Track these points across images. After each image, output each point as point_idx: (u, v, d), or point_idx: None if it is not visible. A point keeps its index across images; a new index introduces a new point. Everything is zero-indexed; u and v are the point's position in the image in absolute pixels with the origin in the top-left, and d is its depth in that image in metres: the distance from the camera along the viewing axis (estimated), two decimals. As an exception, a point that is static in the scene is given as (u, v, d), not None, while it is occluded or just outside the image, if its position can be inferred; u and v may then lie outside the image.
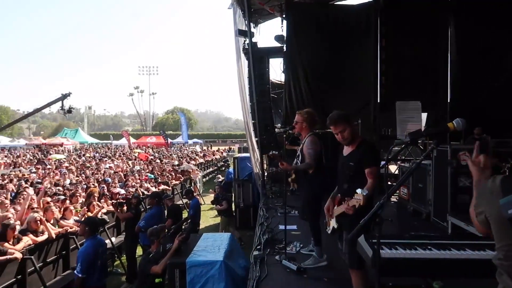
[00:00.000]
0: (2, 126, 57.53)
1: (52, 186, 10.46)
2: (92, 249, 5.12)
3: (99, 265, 5.13)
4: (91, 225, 5.37)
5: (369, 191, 2.85)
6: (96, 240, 5.32)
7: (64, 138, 40.46)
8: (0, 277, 5.47)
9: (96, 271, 5.06)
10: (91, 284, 5.01)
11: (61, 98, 17.56)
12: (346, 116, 3.28)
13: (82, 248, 5.34)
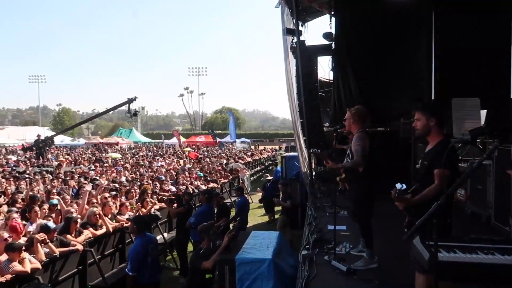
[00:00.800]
0: (67, 126, 61.57)
1: (110, 183, 11.03)
2: (141, 247, 5.25)
3: (150, 262, 5.26)
4: (139, 224, 5.51)
5: (426, 192, 2.71)
6: (145, 238, 5.43)
7: (119, 137, 42.57)
8: (64, 267, 5.86)
9: (148, 268, 5.18)
10: (144, 280, 5.15)
11: (127, 102, 18.75)
12: (428, 106, 3.11)
13: (132, 247, 5.51)
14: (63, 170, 14.85)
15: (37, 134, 24.13)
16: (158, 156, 23.99)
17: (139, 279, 5.14)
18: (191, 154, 25.26)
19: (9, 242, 5.10)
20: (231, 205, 12.70)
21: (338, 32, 10.16)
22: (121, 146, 37.63)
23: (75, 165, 18.64)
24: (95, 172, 14.38)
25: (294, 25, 9.39)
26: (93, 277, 6.39)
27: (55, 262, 5.64)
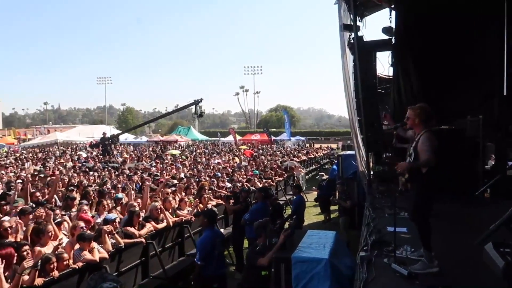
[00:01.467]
0: (130, 124, 65.10)
1: (170, 179, 11.48)
2: (209, 239, 5.52)
3: (217, 254, 5.48)
4: (210, 217, 5.79)
5: None
6: (214, 231, 5.73)
7: (178, 135, 44.13)
8: (129, 258, 6.21)
9: (214, 260, 5.41)
10: (210, 272, 5.38)
11: (194, 103, 19.81)
12: None
13: (201, 238, 5.80)
14: (127, 166, 15.72)
15: (103, 132, 25.70)
16: (215, 154, 24.56)
17: (206, 270, 5.36)
18: (247, 152, 25.61)
19: (80, 233, 5.50)
20: (286, 203, 12.70)
21: (399, 26, 9.72)
22: (179, 144, 39.01)
23: (138, 161, 19.63)
24: (156, 168, 15.04)
25: (351, 21, 9.14)
26: (154, 268, 6.71)
27: (121, 252, 5.99)
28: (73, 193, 8.40)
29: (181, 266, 7.41)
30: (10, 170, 15.03)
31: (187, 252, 7.83)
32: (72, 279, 5.04)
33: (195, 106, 19.92)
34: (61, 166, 16.37)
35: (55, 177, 10.12)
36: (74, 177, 11.34)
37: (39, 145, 32.98)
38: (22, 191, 7.94)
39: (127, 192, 8.58)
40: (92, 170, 14.39)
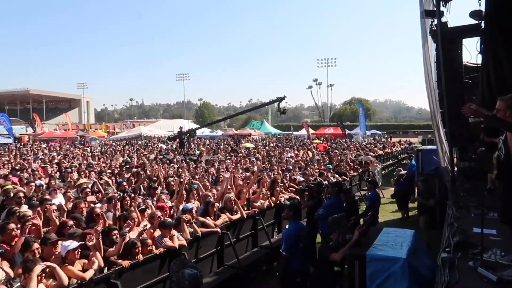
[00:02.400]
0: (206, 119, 67.83)
1: (243, 172, 11.76)
2: (294, 231, 5.57)
3: (301, 247, 5.50)
4: (295, 210, 5.84)
5: None
6: (298, 224, 5.77)
7: (252, 129, 44.92)
8: (205, 247, 6.50)
9: (299, 253, 5.43)
10: (294, 266, 5.41)
11: (276, 100, 20.46)
12: None
13: (286, 229, 5.89)
14: (204, 159, 16.40)
15: (180, 126, 27.04)
16: (288, 148, 24.60)
17: (291, 263, 5.40)
18: (320, 145, 25.29)
19: (162, 220, 5.87)
20: (361, 199, 12.34)
21: (490, 9, 8.84)
22: (253, 138, 39.72)
23: (214, 154, 20.37)
24: (230, 161, 15.49)
25: (434, 6, 8.52)
26: (228, 258, 6.94)
27: (198, 241, 6.29)
28: (156, 183, 8.97)
29: (254, 257, 7.57)
30: (102, 160, 16.50)
31: (260, 243, 7.98)
32: (155, 263, 5.42)
33: (278, 103, 20.52)
34: (145, 158, 17.58)
35: (148, 170, 10.88)
36: (157, 168, 12.08)
37: (125, 138, 35.75)
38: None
39: (203, 183, 8.98)
40: (172, 162, 15.26)
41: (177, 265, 2.92)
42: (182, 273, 2.77)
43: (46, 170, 11.98)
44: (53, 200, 7.09)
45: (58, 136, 40.31)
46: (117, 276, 4.84)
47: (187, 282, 2.75)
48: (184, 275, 2.76)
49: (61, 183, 9.58)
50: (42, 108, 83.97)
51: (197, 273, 2.82)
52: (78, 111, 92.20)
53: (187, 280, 2.75)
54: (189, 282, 2.75)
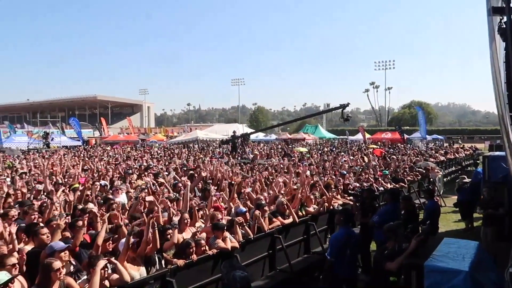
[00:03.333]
0: (260, 123, 68.47)
1: (296, 176, 11.69)
2: (342, 237, 5.48)
3: (349, 255, 5.38)
4: (346, 215, 5.75)
5: None
6: (348, 230, 5.65)
7: (305, 133, 44.61)
8: (257, 250, 6.54)
9: (345, 260, 5.31)
10: (340, 272, 5.30)
11: (340, 107, 20.28)
12: None
13: (334, 234, 5.81)
14: (258, 163, 16.54)
15: (233, 130, 27.51)
16: (343, 152, 24.11)
17: (337, 268, 5.32)
18: (376, 150, 24.50)
19: (215, 222, 6.00)
20: (420, 206, 11.77)
21: None
22: (307, 142, 39.41)
23: (267, 158, 20.47)
24: (283, 165, 15.47)
25: (503, 2, 7.96)
26: (280, 262, 6.92)
27: (250, 244, 6.34)
28: (210, 185, 9.19)
29: (306, 262, 7.49)
30: (161, 163, 17.21)
31: (313, 249, 7.88)
32: (208, 263, 5.54)
33: (342, 110, 20.13)
34: (200, 160, 18.09)
35: (203, 171, 11.22)
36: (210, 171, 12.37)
37: (183, 141, 37.05)
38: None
39: (255, 187, 9.06)
40: (226, 164, 15.55)
41: (226, 267, 2.98)
42: (233, 275, 2.82)
43: (110, 171, 12.71)
44: (116, 199, 7.52)
45: (121, 140, 42.79)
46: (172, 275, 5.01)
47: (238, 285, 2.78)
48: (236, 277, 2.80)
49: (123, 184, 10.12)
50: (108, 113, 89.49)
51: (247, 276, 2.86)
52: (139, 116, 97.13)
53: (239, 283, 2.78)
54: (240, 284, 2.79)
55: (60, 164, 14.72)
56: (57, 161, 16.20)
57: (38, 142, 33.14)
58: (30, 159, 19.37)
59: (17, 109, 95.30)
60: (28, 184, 9.77)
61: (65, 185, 9.13)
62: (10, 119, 70.11)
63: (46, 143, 31.87)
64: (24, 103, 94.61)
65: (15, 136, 35.85)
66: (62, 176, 11.12)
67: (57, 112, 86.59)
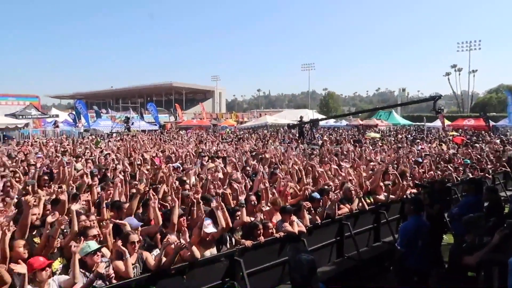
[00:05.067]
0: (330, 109, 67.21)
1: (367, 163, 11.29)
2: (412, 226, 5.25)
3: (421, 245, 5.14)
4: (416, 204, 5.49)
5: None
6: (420, 220, 5.39)
7: (378, 119, 42.81)
8: (324, 236, 6.47)
9: (416, 251, 5.09)
10: (411, 263, 5.09)
11: (431, 99, 19.28)
12: None
13: (404, 223, 5.58)
14: (327, 149, 16.25)
15: (300, 116, 27.19)
16: (419, 139, 22.80)
17: (407, 260, 5.12)
18: (456, 138, 22.78)
19: (283, 205, 6.03)
20: (507, 199, 10.77)
21: None
22: (379, 128, 37.84)
23: (337, 144, 20.03)
24: (354, 152, 15.02)
25: None
26: (348, 249, 6.79)
27: (317, 229, 6.29)
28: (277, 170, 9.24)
29: (376, 251, 7.27)
30: (231, 147, 17.66)
31: (383, 238, 7.61)
32: (275, 246, 5.61)
33: (434, 102, 18.79)
34: (269, 145, 18.23)
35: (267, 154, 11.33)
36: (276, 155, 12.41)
37: (252, 127, 37.61)
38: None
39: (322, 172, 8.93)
40: (294, 150, 15.51)
41: (292, 250, 2.95)
42: (299, 258, 2.80)
43: (183, 153, 13.31)
44: (188, 181, 7.86)
45: (194, 124, 44.59)
46: (240, 255, 5.15)
47: (305, 268, 2.76)
48: (302, 260, 2.78)
49: (195, 166, 10.54)
50: (182, 99, 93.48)
51: (313, 259, 2.83)
52: (211, 102, 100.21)
53: (306, 266, 2.77)
54: (307, 267, 2.77)
55: (139, 147, 15.78)
56: (137, 144, 17.40)
57: (120, 126, 35.68)
58: (113, 142, 21.00)
59: (102, 95, 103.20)
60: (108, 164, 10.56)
61: (143, 166, 9.75)
62: (96, 104, 76.38)
63: (127, 127, 34.23)
64: (108, 90, 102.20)
65: (101, 121, 38.97)
66: (141, 157, 11.89)
67: (136, 98, 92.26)
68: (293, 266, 2.82)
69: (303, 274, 2.75)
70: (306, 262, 2.78)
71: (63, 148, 15.59)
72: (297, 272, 2.79)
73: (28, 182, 6.96)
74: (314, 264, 2.81)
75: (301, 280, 2.76)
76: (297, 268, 2.79)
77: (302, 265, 2.78)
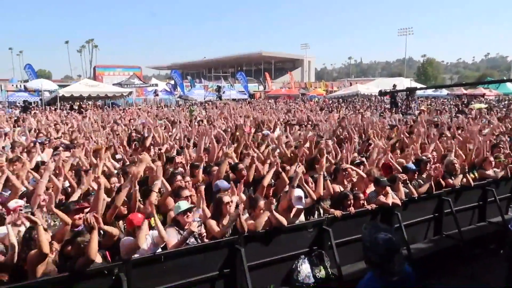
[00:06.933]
0: (429, 77, 62.07)
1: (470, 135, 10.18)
2: None
3: None
4: None
5: None
6: None
7: (486, 88, 38.42)
8: (421, 211, 6.02)
9: None
10: None
11: None
12: None
13: None
14: (424, 119, 15.02)
15: (393, 84, 25.42)
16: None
17: None
18: None
19: (376, 177, 5.69)
20: None
21: None
22: (487, 98, 33.98)
23: (436, 115, 18.46)
24: (455, 123, 13.66)
25: None
26: (448, 227, 6.24)
27: (414, 203, 5.85)
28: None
29: (480, 231, 6.59)
30: (319, 116, 17.29)
31: (489, 218, 6.85)
32: (365, 218, 5.34)
33: None
34: (360, 115, 17.46)
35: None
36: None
37: (342, 96, 36.41)
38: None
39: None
40: (385, 119, 14.65)
41: (369, 229, 2.64)
42: (375, 238, 2.49)
43: (272, 121, 13.36)
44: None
45: (283, 94, 44.58)
46: (329, 224, 5.01)
47: (382, 247, 2.45)
48: (378, 240, 2.47)
49: (284, 134, 10.50)
50: (271, 68, 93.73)
51: (391, 238, 2.49)
52: (300, 71, 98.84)
53: (382, 245, 2.45)
54: (384, 247, 2.45)
55: (230, 115, 16.25)
56: (227, 112, 17.96)
57: (213, 95, 37.15)
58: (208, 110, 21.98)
59: (196, 66, 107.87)
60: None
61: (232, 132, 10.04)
62: (191, 74, 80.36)
63: (219, 96, 35.54)
64: (201, 60, 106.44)
65: (195, 90, 41.00)
66: (231, 124, 12.25)
67: (227, 68, 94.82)
68: (369, 246, 2.53)
69: (379, 253, 2.46)
70: (383, 242, 2.46)
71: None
72: (372, 251, 2.50)
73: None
74: (393, 244, 2.47)
75: (379, 260, 2.48)
76: (372, 247, 2.50)
77: (378, 245, 2.47)
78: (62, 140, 9.32)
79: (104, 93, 28.07)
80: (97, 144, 8.14)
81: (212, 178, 5.67)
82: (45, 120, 14.75)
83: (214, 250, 4.33)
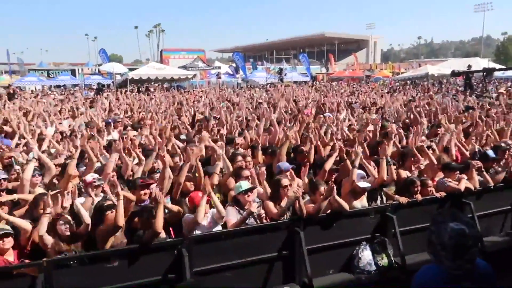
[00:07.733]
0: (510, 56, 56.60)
1: None
2: None
3: None
4: None
5: None
6: None
7: None
8: (499, 201, 5.54)
9: None
10: None
11: None
12: None
13: None
14: (503, 102, 13.76)
15: (468, 65, 23.47)
16: None
17: None
18: None
19: (446, 162, 5.33)
20: None
21: None
22: None
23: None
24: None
25: None
26: None
27: (488, 193, 5.42)
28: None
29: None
30: (383, 99, 16.52)
31: None
32: (433, 206, 5.02)
33: None
34: (429, 98, 16.41)
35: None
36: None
37: (410, 78, 34.45)
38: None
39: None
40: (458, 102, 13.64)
41: (443, 215, 2.33)
42: (444, 227, 2.17)
43: (334, 103, 13.02)
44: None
45: (346, 76, 43.26)
46: (393, 211, 4.79)
47: (447, 237, 2.12)
48: (447, 228, 2.14)
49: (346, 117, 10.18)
50: (334, 50, 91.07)
51: (464, 230, 2.15)
52: (365, 52, 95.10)
53: (449, 235, 2.12)
54: (450, 237, 2.11)
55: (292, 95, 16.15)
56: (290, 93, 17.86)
57: (275, 77, 37.00)
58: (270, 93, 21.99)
59: (258, 48, 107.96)
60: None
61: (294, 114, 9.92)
62: (253, 57, 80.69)
63: (280, 78, 35.30)
64: (263, 43, 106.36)
65: (257, 72, 41.10)
66: (292, 106, 12.16)
67: (289, 50, 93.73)
68: (435, 233, 2.20)
69: (446, 248, 2.11)
70: (451, 231, 2.10)
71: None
72: (439, 244, 2.15)
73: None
74: (463, 236, 2.12)
75: (444, 252, 2.14)
76: (438, 236, 2.16)
77: (444, 235, 2.12)
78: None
79: (170, 75, 29.19)
80: (163, 124, 8.48)
81: (274, 160, 5.66)
82: (115, 101, 15.67)
83: (273, 231, 4.34)
